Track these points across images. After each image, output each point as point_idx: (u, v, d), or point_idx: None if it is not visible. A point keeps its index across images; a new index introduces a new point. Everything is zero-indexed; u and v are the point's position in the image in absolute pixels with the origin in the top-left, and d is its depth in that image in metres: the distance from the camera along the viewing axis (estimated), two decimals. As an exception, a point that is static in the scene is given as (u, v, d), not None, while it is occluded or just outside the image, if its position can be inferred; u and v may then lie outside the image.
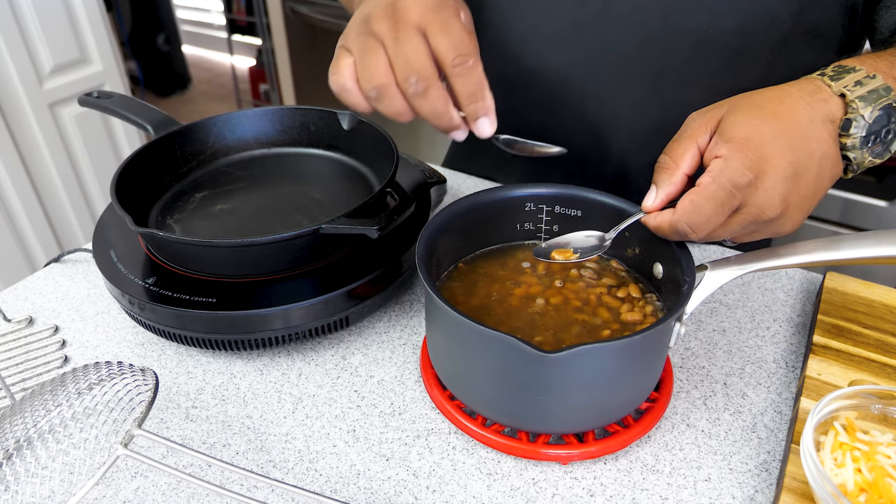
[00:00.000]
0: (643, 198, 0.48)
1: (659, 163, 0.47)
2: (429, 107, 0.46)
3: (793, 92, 0.46)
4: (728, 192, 0.43)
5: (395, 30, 0.45)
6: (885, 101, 0.45)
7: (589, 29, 0.65)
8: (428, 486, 0.46)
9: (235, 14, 2.98)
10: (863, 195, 1.35)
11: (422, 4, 0.46)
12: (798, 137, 0.44)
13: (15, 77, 1.46)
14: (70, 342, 0.59)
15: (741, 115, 0.44)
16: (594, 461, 0.47)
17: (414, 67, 0.45)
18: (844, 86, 0.45)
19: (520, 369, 0.43)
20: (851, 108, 0.45)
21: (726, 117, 0.45)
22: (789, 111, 0.45)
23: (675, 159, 0.46)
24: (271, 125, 0.72)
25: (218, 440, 0.49)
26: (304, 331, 0.54)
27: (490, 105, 0.47)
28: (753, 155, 0.43)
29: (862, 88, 0.45)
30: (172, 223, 0.62)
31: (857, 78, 0.46)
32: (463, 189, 0.80)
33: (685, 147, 0.45)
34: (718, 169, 0.43)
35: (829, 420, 0.43)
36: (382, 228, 0.51)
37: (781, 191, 0.43)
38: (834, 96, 0.45)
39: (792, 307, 0.61)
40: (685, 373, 0.54)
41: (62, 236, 1.67)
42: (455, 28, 0.45)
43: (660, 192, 0.46)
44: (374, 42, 0.46)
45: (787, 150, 0.43)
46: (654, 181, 0.47)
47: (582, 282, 0.54)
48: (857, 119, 0.45)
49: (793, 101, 0.45)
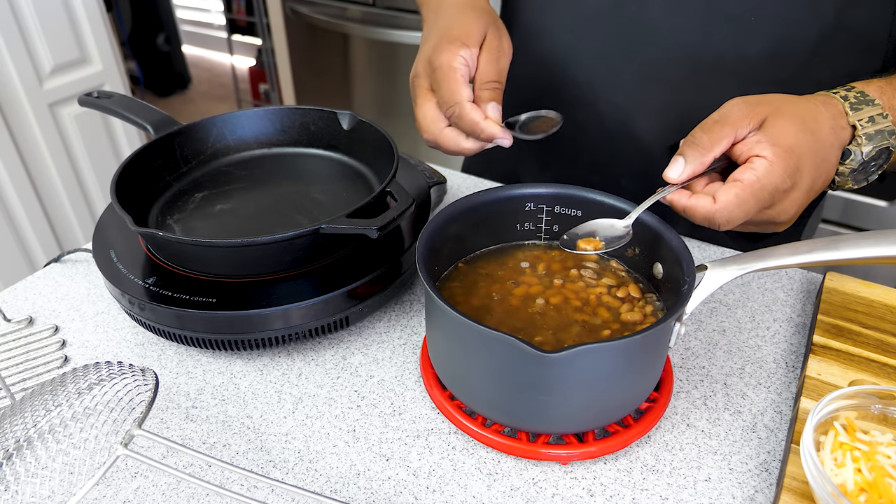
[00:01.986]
0: None
1: (694, 138, 0.47)
2: (446, 150, 0.56)
3: (823, 112, 0.48)
4: (770, 193, 0.45)
5: (415, 96, 0.57)
6: (885, 143, 0.48)
7: (630, 8, 0.65)
8: (428, 486, 0.46)
9: (235, 14, 2.98)
10: (863, 195, 1.35)
11: (424, 69, 0.56)
12: (821, 157, 0.47)
13: (15, 77, 1.46)
14: (70, 342, 0.59)
15: (787, 122, 0.46)
16: (594, 461, 0.47)
17: (422, 128, 0.56)
18: (859, 119, 0.48)
19: (520, 369, 0.43)
20: (856, 142, 0.48)
21: (773, 120, 0.46)
22: (821, 130, 0.47)
23: (713, 141, 0.46)
24: (271, 125, 0.72)
25: (218, 440, 0.49)
26: (304, 331, 0.54)
27: (492, 132, 0.52)
28: (794, 165, 0.45)
29: (872, 126, 0.48)
30: (172, 223, 0.62)
31: (873, 114, 0.48)
32: (463, 189, 0.80)
33: (725, 133, 0.46)
34: (765, 170, 0.44)
35: (829, 420, 0.43)
36: (382, 228, 0.51)
37: (800, 202, 0.47)
38: (848, 126, 0.48)
39: (792, 307, 0.61)
40: (685, 373, 0.54)
41: (62, 236, 1.67)
42: (443, 84, 0.53)
43: (688, 167, 0.47)
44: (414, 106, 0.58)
45: (813, 168, 0.46)
46: (682, 153, 0.47)
47: (582, 282, 0.54)
48: (856, 153, 0.48)
49: (823, 121, 0.47)
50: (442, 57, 0.54)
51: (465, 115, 0.52)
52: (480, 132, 0.52)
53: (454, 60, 0.53)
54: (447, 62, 0.53)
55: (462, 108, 0.52)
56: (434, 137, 0.55)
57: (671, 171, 0.47)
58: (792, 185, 0.45)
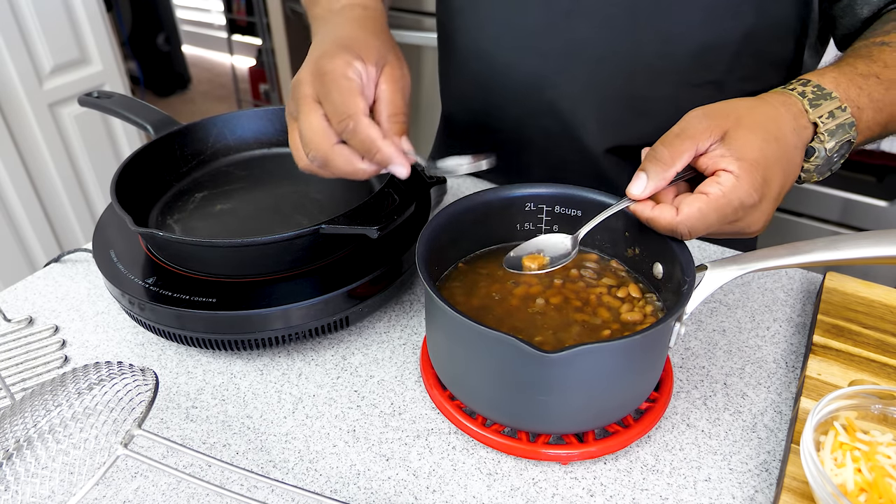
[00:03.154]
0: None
1: (655, 153, 0.47)
2: (336, 172, 0.49)
3: (784, 115, 0.48)
4: (734, 209, 0.44)
5: (297, 108, 0.48)
6: (847, 136, 0.49)
7: (559, 28, 0.66)
8: (428, 486, 0.46)
9: (235, 14, 2.98)
10: (863, 195, 1.35)
11: (311, 74, 0.48)
12: (787, 162, 0.47)
13: (15, 77, 1.46)
14: (70, 342, 0.59)
15: (749, 133, 0.46)
16: (594, 461, 0.47)
17: (310, 144, 0.48)
18: (819, 115, 0.48)
19: (520, 369, 0.43)
20: (819, 139, 0.48)
21: (734, 132, 0.46)
22: (784, 136, 0.47)
23: (674, 156, 0.46)
24: (271, 125, 0.73)
25: (218, 440, 0.49)
26: (304, 331, 0.54)
27: (389, 153, 0.47)
28: (760, 178, 0.45)
29: (833, 121, 0.48)
30: (172, 223, 0.62)
31: (832, 108, 0.48)
32: (463, 189, 0.80)
33: (686, 147, 0.46)
34: (731, 186, 0.44)
35: (829, 420, 0.43)
36: (382, 228, 0.51)
37: (769, 211, 0.47)
38: (810, 124, 0.48)
39: (792, 307, 0.61)
40: (685, 373, 0.54)
41: (62, 236, 1.67)
42: (334, 93, 0.46)
43: (650, 182, 0.46)
44: (293, 123, 0.50)
45: (781, 176, 0.46)
46: (644, 169, 0.47)
47: (582, 282, 0.54)
48: (820, 150, 0.49)
49: (784, 123, 0.47)
50: (333, 63, 0.47)
51: (360, 129, 0.46)
52: (376, 152, 0.46)
53: (347, 69, 0.47)
54: (339, 69, 0.47)
55: (358, 122, 0.46)
56: (324, 155, 0.47)
57: (634, 188, 0.47)
58: (760, 197, 0.45)
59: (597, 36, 0.65)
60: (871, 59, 0.52)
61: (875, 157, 1.36)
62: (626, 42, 0.64)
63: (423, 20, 1.74)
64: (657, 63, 0.65)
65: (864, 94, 0.50)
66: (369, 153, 0.47)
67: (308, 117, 0.47)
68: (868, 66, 0.51)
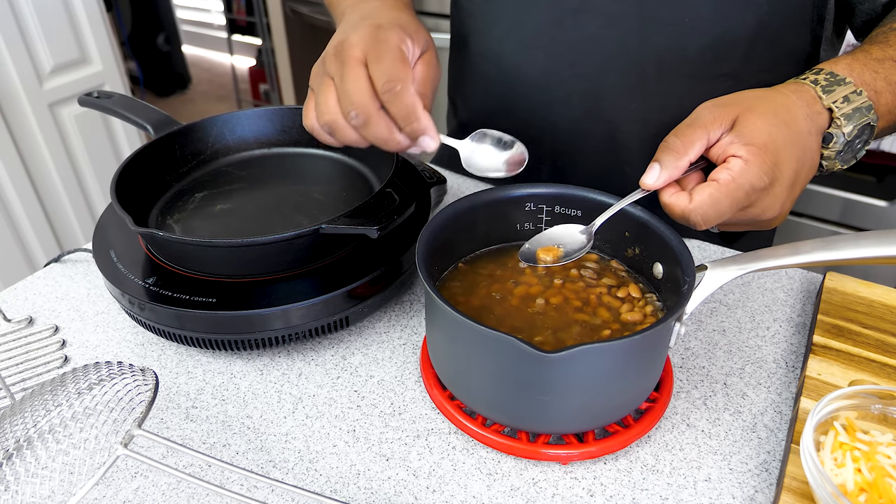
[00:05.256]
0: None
1: (667, 144, 0.47)
2: (373, 135, 0.49)
3: (796, 101, 0.48)
4: (746, 193, 0.45)
5: (342, 67, 0.49)
6: (865, 119, 0.48)
7: (568, 25, 0.66)
8: (428, 486, 0.46)
9: (235, 14, 2.98)
10: (863, 195, 1.35)
11: (364, 39, 0.49)
12: (800, 148, 0.47)
13: (15, 77, 1.46)
14: (70, 342, 0.59)
15: (758, 119, 0.46)
16: (594, 461, 0.47)
17: (354, 102, 0.48)
18: (834, 101, 0.48)
19: (520, 369, 0.43)
20: (835, 124, 0.48)
21: (743, 118, 0.46)
22: (795, 121, 0.47)
23: (686, 145, 0.46)
24: (271, 125, 0.73)
25: (218, 440, 0.49)
26: (304, 331, 0.54)
27: (426, 124, 0.49)
28: (770, 161, 0.45)
29: (848, 105, 0.48)
30: (172, 223, 0.62)
31: (846, 93, 0.48)
32: (463, 189, 0.80)
33: (697, 136, 0.46)
34: (739, 170, 0.44)
35: (829, 420, 0.43)
36: (382, 228, 0.51)
37: (784, 197, 0.46)
38: (824, 110, 0.48)
39: (792, 307, 0.61)
40: (685, 373, 0.54)
41: (62, 236, 1.67)
42: (387, 58, 0.48)
43: (663, 172, 0.47)
44: (328, 81, 0.51)
45: (793, 160, 0.46)
46: (657, 160, 0.47)
47: (582, 282, 0.54)
48: (838, 135, 0.48)
49: (797, 110, 0.47)
50: (390, 34, 0.50)
51: (406, 95, 0.47)
52: (415, 119, 0.48)
53: (402, 43, 0.50)
54: (395, 41, 0.50)
55: (406, 87, 0.47)
56: (368, 115, 0.48)
57: (648, 178, 0.47)
58: (770, 181, 0.45)
59: (606, 32, 0.65)
60: (886, 43, 0.52)
61: (875, 157, 1.36)
62: (636, 37, 0.64)
63: (422, 20, 1.74)
64: (668, 57, 0.64)
65: (881, 77, 0.50)
66: (407, 119, 0.48)
67: (356, 75, 0.48)
68: (883, 51, 0.51)
